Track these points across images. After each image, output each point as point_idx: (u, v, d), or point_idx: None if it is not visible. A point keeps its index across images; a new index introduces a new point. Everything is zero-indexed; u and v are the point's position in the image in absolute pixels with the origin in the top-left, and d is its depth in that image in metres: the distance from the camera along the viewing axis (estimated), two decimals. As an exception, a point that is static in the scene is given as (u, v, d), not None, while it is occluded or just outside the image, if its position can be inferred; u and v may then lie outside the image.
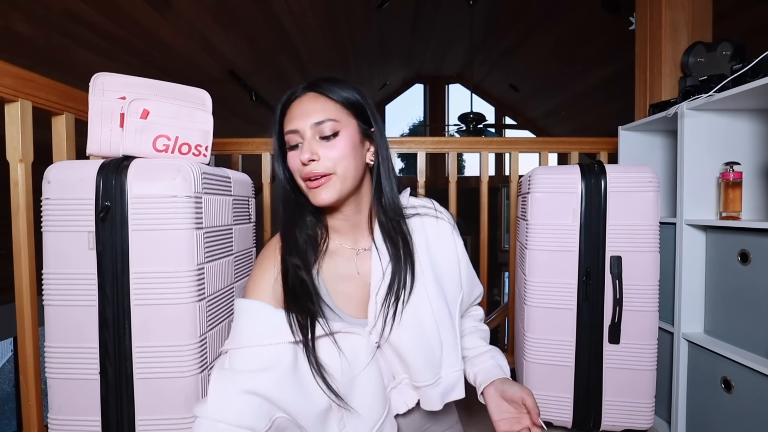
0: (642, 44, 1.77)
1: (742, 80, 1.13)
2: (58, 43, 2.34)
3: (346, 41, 5.01)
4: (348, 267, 0.83)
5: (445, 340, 0.80)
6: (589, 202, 1.21)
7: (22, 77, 1.05)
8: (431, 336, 0.78)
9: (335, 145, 0.74)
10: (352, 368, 0.75)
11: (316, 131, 0.74)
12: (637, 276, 1.20)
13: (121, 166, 0.93)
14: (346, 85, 0.78)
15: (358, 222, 0.83)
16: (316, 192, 0.74)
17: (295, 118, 0.75)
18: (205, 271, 0.99)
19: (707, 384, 1.22)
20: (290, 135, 0.76)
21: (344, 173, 0.75)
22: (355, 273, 0.82)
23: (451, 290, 0.84)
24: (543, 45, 5.25)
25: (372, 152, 0.81)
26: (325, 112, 0.75)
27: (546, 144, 1.95)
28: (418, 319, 0.78)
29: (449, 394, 0.80)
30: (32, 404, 1.08)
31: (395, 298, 0.78)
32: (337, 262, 0.83)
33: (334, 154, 0.73)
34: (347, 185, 0.76)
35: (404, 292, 0.79)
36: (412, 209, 0.86)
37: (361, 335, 0.76)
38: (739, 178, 1.24)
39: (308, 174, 0.73)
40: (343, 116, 0.76)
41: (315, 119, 0.74)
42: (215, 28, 3.23)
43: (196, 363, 0.95)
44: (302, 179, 0.75)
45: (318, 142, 0.74)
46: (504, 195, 8.03)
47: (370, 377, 0.76)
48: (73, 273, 0.93)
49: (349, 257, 0.83)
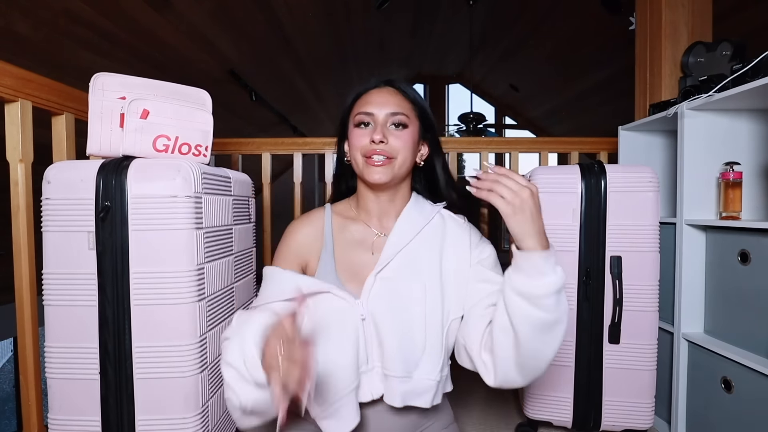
0: (642, 44, 1.77)
1: (742, 80, 1.13)
2: (58, 43, 2.33)
3: (346, 41, 5.01)
4: (364, 248, 0.88)
5: (429, 346, 0.81)
6: (589, 202, 1.21)
7: (22, 77, 1.05)
8: (416, 333, 0.80)
9: (402, 135, 0.84)
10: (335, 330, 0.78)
11: (390, 119, 0.84)
12: (637, 276, 1.20)
13: (121, 166, 0.93)
14: (417, 92, 0.90)
15: (387, 210, 0.90)
16: (374, 169, 0.82)
17: (373, 103, 0.85)
18: (205, 271, 0.99)
19: (707, 384, 1.22)
20: (363, 116, 0.84)
21: (402, 161, 0.84)
22: (370, 253, 0.87)
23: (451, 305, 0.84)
24: (543, 45, 5.25)
25: (421, 154, 0.91)
26: (401, 106, 0.85)
27: (546, 144, 1.95)
28: (408, 311, 0.81)
29: (414, 398, 0.80)
30: (32, 404, 1.08)
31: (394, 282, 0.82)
32: (355, 237, 0.89)
33: (399, 143, 0.83)
34: (401, 172, 0.85)
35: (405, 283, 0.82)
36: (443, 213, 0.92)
37: (350, 304, 0.80)
38: (739, 178, 1.24)
39: (373, 152, 0.81)
40: (412, 115, 0.86)
41: (392, 109, 0.84)
42: (215, 29, 3.23)
43: (196, 363, 0.95)
44: (364, 155, 0.83)
45: (388, 129, 0.84)
46: (504, 195, 8.02)
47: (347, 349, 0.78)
48: (73, 273, 0.93)
49: (368, 237, 0.89)
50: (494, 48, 6.17)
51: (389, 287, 0.82)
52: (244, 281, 1.26)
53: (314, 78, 5.19)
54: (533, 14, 4.70)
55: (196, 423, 0.96)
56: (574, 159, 1.85)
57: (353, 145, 0.85)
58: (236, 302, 1.19)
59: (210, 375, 1.01)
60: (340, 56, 5.36)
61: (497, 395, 1.63)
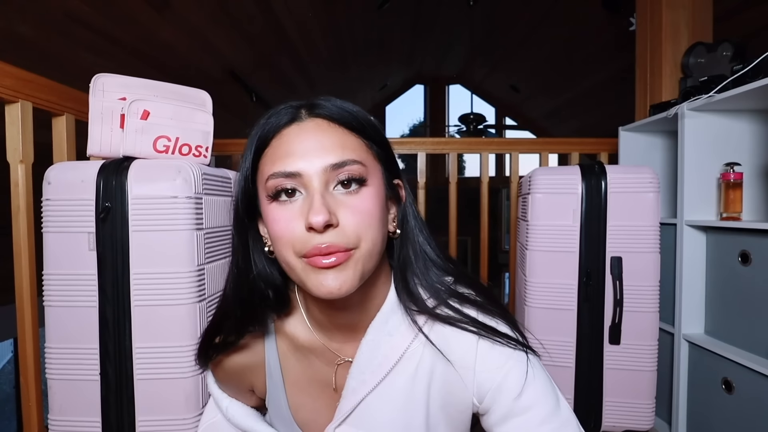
0: (642, 45, 1.77)
1: (742, 81, 1.13)
2: (58, 44, 2.34)
3: (346, 42, 5.01)
4: (324, 374, 0.61)
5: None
6: (589, 202, 1.21)
7: (23, 78, 1.06)
8: None
9: (361, 202, 0.50)
10: None
11: (333, 177, 0.50)
12: (638, 277, 1.20)
13: (122, 167, 0.93)
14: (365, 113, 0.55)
15: (354, 324, 0.58)
16: (325, 277, 0.48)
17: (295, 154, 0.49)
18: (206, 272, 0.99)
19: (708, 385, 1.22)
20: (281, 180, 0.49)
21: (370, 249, 0.50)
22: (331, 387, 0.60)
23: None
24: (543, 45, 5.25)
25: (394, 216, 0.58)
26: (347, 149, 0.50)
27: (546, 145, 1.95)
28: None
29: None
30: (32, 405, 1.08)
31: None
32: (311, 363, 0.61)
33: (358, 219, 0.49)
34: (369, 266, 0.51)
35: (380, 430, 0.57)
36: (443, 333, 0.57)
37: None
38: (740, 178, 1.24)
39: (317, 249, 0.48)
40: (369, 157, 0.53)
41: (332, 158, 0.49)
42: (215, 29, 3.23)
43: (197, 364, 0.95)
44: (298, 256, 0.49)
45: (332, 195, 0.50)
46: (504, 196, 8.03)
47: None
48: (74, 274, 0.93)
49: (330, 363, 0.60)
50: (494, 48, 6.17)
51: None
52: (245, 282, 1.26)
53: (314, 79, 5.19)
54: (533, 14, 4.70)
55: (197, 423, 0.96)
56: (575, 160, 1.85)
57: (276, 237, 0.51)
58: (236, 303, 1.19)
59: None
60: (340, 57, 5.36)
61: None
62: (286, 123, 0.52)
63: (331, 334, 0.59)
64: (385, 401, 0.56)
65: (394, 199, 0.58)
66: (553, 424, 0.53)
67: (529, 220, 1.26)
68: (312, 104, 0.53)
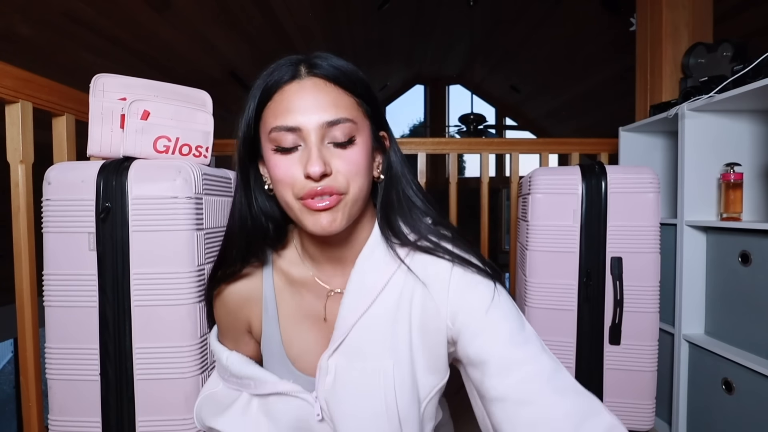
0: (642, 45, 1.77)
1: (742, 81, 1.13)
2: (58, 44, 2.34)
3: (346, 42, 5.01)
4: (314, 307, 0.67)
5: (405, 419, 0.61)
6: (589, 203, 1.21)
7: (23, 78, 1.06)
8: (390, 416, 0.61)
9: (352, 155, 0.57)
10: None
11: (327, 134, 0.56)
12: (638, 277, 1.20)
13: (122, 167, 0.93)
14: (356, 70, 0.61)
15: (342, 257, 0.66)
16: (319, 217, 0.56)
17: (296, 110, 0.56)
18: (206, 272, 0.99)
19: (708, 385, 1.22)
20: (283, 133, 0.56)
21: (357, 193, 0.58)
22: (322, 318, 0.66)
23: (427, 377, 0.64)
24: (544, 46, 5.25)
25: (378, 163, 0.66)
26: (341, 106, 0.57)
27: (546, 145, 1.95)
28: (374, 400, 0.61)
29: None
30: (32, 405, 1.08)
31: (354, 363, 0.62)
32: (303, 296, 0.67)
33: (349, 168, 0.57)
34: (356, 207, 0.60)
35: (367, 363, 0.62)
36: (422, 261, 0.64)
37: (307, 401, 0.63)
38: (740, 179, 1.24)
39: (313, 191, 0.55)
40: (359, 114, 0.59)
41: (328, 116, 0.56)
42: (216, 30, 3.24)
43: (197, 364, 0.95)
44: (297, 198, 0.57)
45: (327, 149, 0.57)
46: (504, 196, 8.04)
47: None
48: (74, 274, 0.93)
49: (320, 296, 0.67)
50: (495, 49, 6.18)
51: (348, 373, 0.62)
52: (245, 282, 1.26)
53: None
54: (534, 15, 4.70)
55: (197, 424, 0.96)
56: (575, 160, 1.85)
57: (277, 180, 0.58)
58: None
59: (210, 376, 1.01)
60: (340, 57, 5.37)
61: (498, 396, 1.62)
62: (287, 80, 0.59)
63: (321, 268, 0.67)
64: (373, 328, 0.62)
65: (380, 149, 0.66)
66: (518, 338, 0.58)
67: (529, 220, 1.26)
68: (311, 63, 0.59)
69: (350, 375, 0.62)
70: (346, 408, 0.61)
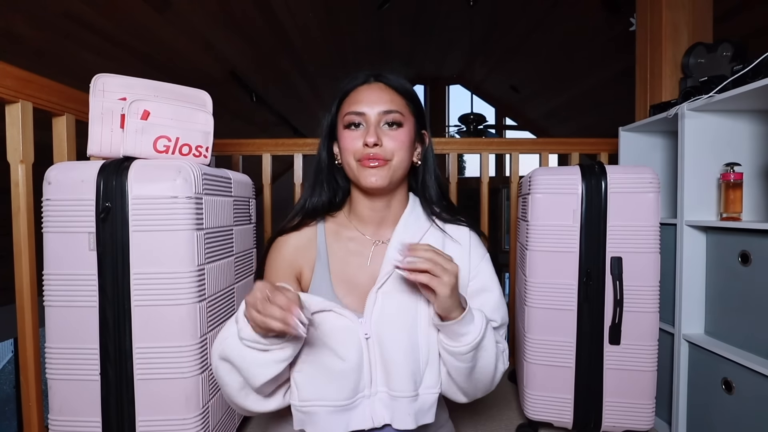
0: (642, 45, 1.77)
1: (742, 81, 1.13)
2: (58, 44, 2.34)
3: (346, 42, 5.02)
4: (359, 257, 0.84)
5: (431, 358, 0.78)
6: (589, 202, 1.21)
7: (23, 78, 1.06)
8: (420, 347, 0.77)
9: (397, 135, 0.79)
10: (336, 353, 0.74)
11: (383, 118, 0.79)
12: (638, 277, 1.20)
13: (122, 167, 0.93)
14: (409, 85, 0.85)
15: (384, 217, 0.86)
16: (370, 172, 0.78)
17: (363, 102, 0.80)
18: (206, 272, 0.99)
19: (708, 385, 1.22)
20: (353, 116, 0.80)
21: (399, 163, 0.80)
22: (366, 265, 0.83)
23: None
24: (544, 46, 5.25)
25: (419, 153, 0.87)
26: (394, 102, 0.80)
27: (546, 145, 1.95)
28: (413, 326, 0.77)
29: (423, 416, 0.78)
30: (33, 405, 1.08)
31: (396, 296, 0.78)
32: (350, 247, 0.85)
33: (394, 144, 0.79)
34: (398, 175, 0.81)
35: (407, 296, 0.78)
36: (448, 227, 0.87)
37: (353, 322, 0.76)
38: (740, 179, 1.23)
39: (368, 155, 0.77)
40: (406, 111, 0.82)
41: (384, 107, 0.79)
42: (216, 29, 3.24)
43: (197, 364, 0.95)
44: (357, 159, 0.79)
45: (381, 129, 0.79)
46: (504, 196, 8.03)
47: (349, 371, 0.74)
48: (74, 274, 0.93)
49: (365, 246, 0.85)
50: (494, 49, 6.18)
51: (392, 302, 0.78)
52: (245, 282, 1.26)
53: (315, 79, 5.19)
54: (533, 15, 4.70)
55: (197, 423, 0.96)
56: (575, 160, 1.85)
57: (344, 148, 0.81)
58: (236, 303, 1.19)
59: (211, 376, 1.01)
60: (340, 57, 5.37)
61: (498, 396, 1.63)
62: (360, 84, 0.83)
63: (365, 227, 0.86)
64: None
65: (420, 142, 0.87)
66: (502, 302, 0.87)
67: (529, 220, 1.26)
68: (377, 74, 0.84)
69: (391, 306, 0.77)
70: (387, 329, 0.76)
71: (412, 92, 0.85)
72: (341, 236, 0.86)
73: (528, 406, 1.30)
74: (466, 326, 0.73)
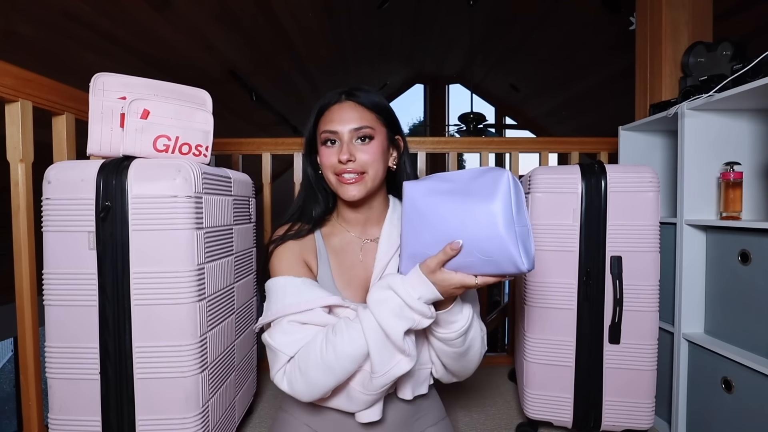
0: (642, 44, 1.77)
1: (742, 80, 1.13)
2: (58, 43, 2.34)
3: (346, 41, 5.01)
4: (353, 254, 0.92)
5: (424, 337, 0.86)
6: (589, 202, 1.21)
7: (23, 77, 1.06)
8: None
9: (369, 148, 0.85)
10: None
11: (354, 135, 0.85)
12: (638, 276, 1.20)
13: (122, 166, 0.93)
14: (378, 96, 0.91)
15: (368, 218, 0.93)
16: (348, 187, 0.85)
17: (335, 121, 0.86)
18: (206, 271, 0.99)
19: (708, 384, 1.22)
20: (328, 134, 0.86)
21: (374, 174, 0.86)
22: (359, 260, 0.92)
23: None
24: (543, 45, 5.25)
25: (394, 158, 0.93)
26: (363, 119, 0.86)
27: (546, 144, 1.95)
28: None
29: (418, 387, 0.90)
30: (32, 404, 1.08)
31: None
32: (343, 246, 0.93)
33: (367, 157, 0.85)
34: (375, 183, 0.87)
35: None
36: None
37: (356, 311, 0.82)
38: (740, 178, 1.23)
39: (343, 171, 0.84)
40: (377, 124, 0.88)
41: (355, 125, 0.85)
42: (215, 29, 3.23)
43: (197, 363, 0.95)
44: (334, 174, 0.86)
45: (353, 144, 0.85)
46: (504, 195, 8.00)
47: None
48: (74, 273, 0.93)
49: (356, 245, 0.93)
50: (494, 48, 6.17)
51: None
52: (245, 281, 1.26)
53: (315, 78, 5.19)
54: (533, 14, 4.70)
55: (197, 423, 0.96)
56: (575, 159, 1.85)
57: (323, 164, 0.88)
58: (236, 302, 1.19)
59: (210, 375, 1.01)
60: (340, 56, 5.36)
61: (497, 395, 1.63)
62: (333, 103, 0.89)
63: (353, 228, 0.94)
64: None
65: (395, 147, 0.94)
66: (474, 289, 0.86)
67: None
68: (349, 92, 0.89)
69: None
70: None
71: (382, 104, 0.90)
72: (334, 237, 0.94)
73: (528, 405, 1.30)
74: (456, 315, 0.79)
